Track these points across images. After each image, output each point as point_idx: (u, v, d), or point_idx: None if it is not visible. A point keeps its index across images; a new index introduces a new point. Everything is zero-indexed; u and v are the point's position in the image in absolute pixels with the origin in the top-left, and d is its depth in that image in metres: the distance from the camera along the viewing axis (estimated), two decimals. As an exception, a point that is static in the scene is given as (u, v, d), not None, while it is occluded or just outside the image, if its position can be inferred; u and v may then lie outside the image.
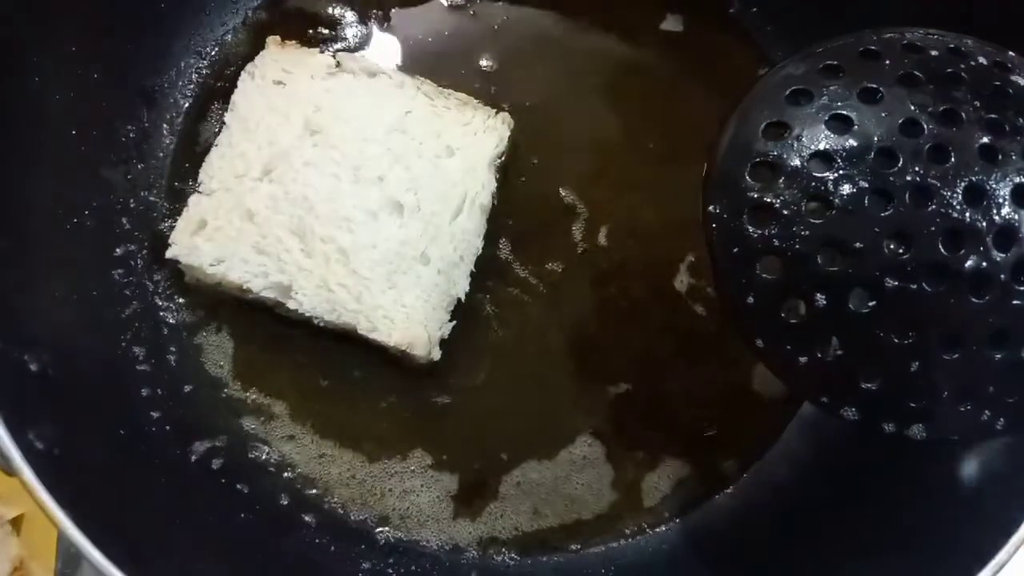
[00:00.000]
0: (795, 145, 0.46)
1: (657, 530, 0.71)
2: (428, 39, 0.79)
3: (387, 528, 0.69)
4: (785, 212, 0.46)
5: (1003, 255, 0.44)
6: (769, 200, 0.46)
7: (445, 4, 0.80)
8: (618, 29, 0.80)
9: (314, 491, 0.70)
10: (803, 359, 0.47)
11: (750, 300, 0.47)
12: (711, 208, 0.48)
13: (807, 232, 0.45)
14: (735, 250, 0.47)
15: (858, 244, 0.44)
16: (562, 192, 0.76)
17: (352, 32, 0.79)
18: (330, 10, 0.79)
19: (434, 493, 0.70)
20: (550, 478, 0.71)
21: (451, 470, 0.71)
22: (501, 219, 0.75)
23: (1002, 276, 0.44)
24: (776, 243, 0.46)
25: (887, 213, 0.44)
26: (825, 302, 0.45)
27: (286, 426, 0.71)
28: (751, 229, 0.46)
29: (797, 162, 0.46)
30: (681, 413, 0.73)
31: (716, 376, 0.73)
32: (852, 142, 0.45)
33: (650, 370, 0.73)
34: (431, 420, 0.71)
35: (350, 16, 0.79)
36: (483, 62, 0.78)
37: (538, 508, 0.70)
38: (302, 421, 0.71)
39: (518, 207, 0.76)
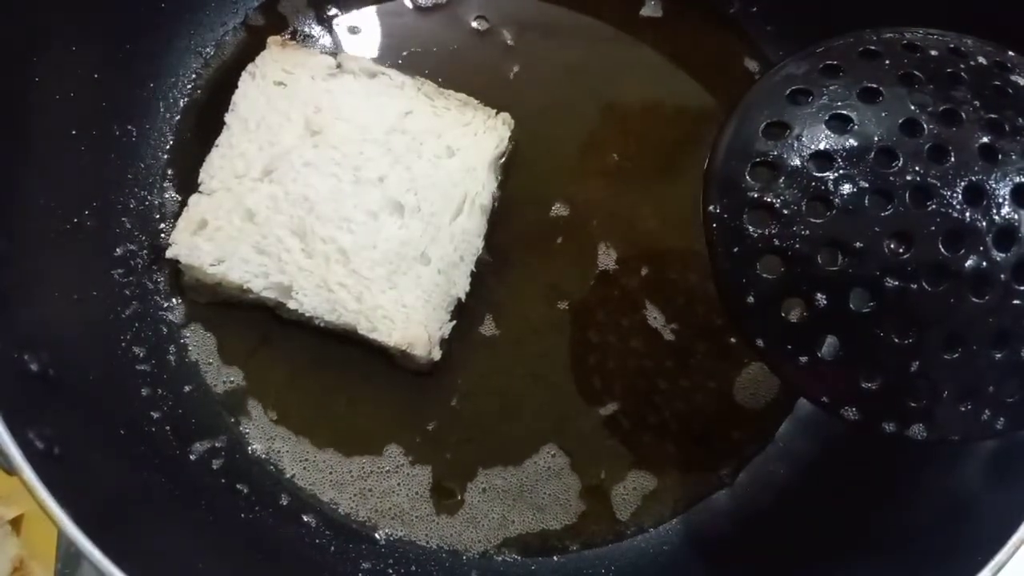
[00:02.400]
0: (795, 145, 0.46)
1: (657, 530, 0.71)
2: (426, 40, 0.79)
3: (387, 528, 0.69)
4: (785, 212, 0.46)
5: (1003, 255, 0.44)
6: (769, 200, 0.46)
7: (439, 5, 0.80)
8: (609, 20, 0.80)
9: (314, 491, 0.70)
10: (803, 359, 0.47)
11: (750, 300, 0.47)
12: (711, 208, 0.48)
13: (807, 232, 0.45)
14: (735, 250, 0.47)
15: (858, 244, 0.44)
16: (562, 193, 0.76)
17: (352, 33, 0.79)
18: (330, 11, 0.79)
19: (435, 492, 0.70)
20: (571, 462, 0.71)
21: (456, 470, 0.71)
22: (501, 219, 0.75)
23: (1002, 276, 0.44)
24: (776, 243, 0.46)
25: (887, 213, 0.44)
26: (825, 302, 0.45)
27: (286, 426, 0.71)
28: (751, 229, 0.46)
29: (797, 162, 0.46)
30: (679, 413, 0.73)
31: (713, 378, 0.73)
32: (852, 142, 0.45)
33: (647, 372, 0.73)
34: (432, 421, 0.71)
35: (350, 17, 0.80)
36: (480, 62, 0.78)
37: (541, 507, 0.70)
38: (302, 421, 0.71)
39: (518, 207, 0.76)
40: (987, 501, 0.58)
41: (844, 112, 0.46)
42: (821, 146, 0.46)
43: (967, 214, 0.43)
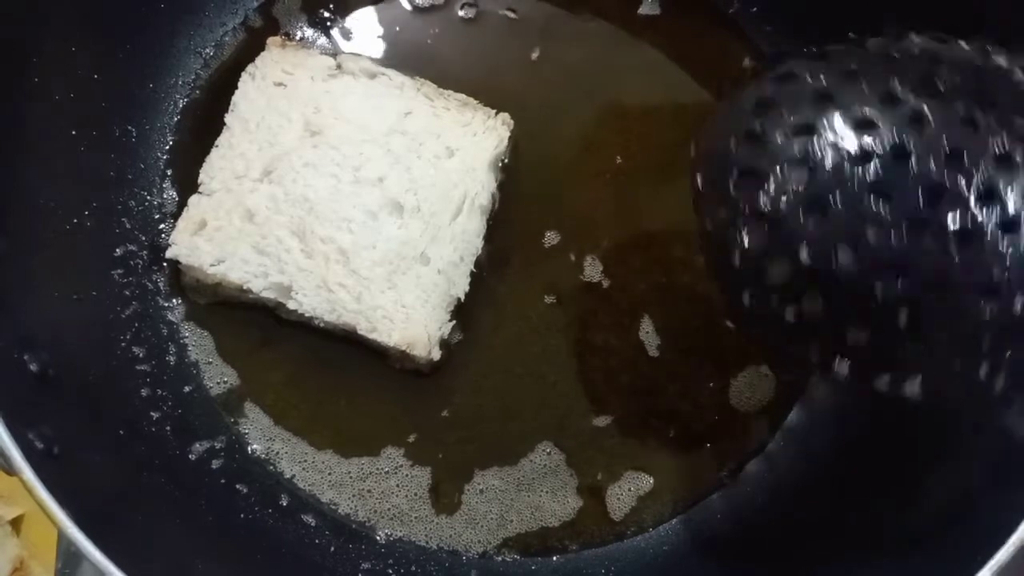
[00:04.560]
0: (779, 120, 0.47)
1: (657, 530, 0.71)
2: (425, 40, 0.79)
3: (386, 528, 0.69)
4: (771, 176, 0.46)
5: (987, 210, 0.44)
6: (755, 166, 0.47)
7: (437, 5, 0.80)
8: (609, 19, 0.80)
9: (313, 491, 0.70)
10: (791, 317, 0.47)
11: (736, 260, 0.48)
12: (698, 177, 0.50)
13: (791, 197, 0.46)
14: (720, 213, 0.48)
15: (840, 205, 0.45)
16: (561, 193, 0.76)
17: (351, 33, 0.79)
18: (329, 12, 0.80)
19: (434, 493, 0.70)
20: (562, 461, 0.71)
21: (454, 471, 0.71)
22: (501, 219, 0.75)
23: (988, 229, 0.44)
24: (762, 208, 0.46)
25: (870, 176, 0.45)
26: (810, 261, 0.46)
27: (285, 426, 0.71)
28: (734, 194, 0.47)
29: (782, 136, 0.47)
30: (678, 414, 0.73)
31: (713, 378, 0.73)
32: (836, 114, 0.46)
33: (645, 372, 0.73)
34: (430, 421, 0.71)
35: (349, 18, 0.80)
36: (479, 61, 0.79)
37: (540, 505, 0.71)
38: (301, 422, 0.71)
39: (518, 207, 0.76)
40: (987, 501, 0.58)
41: (828, 91, 0.47)
42: (805, 121, 0.46)
43: (946, 176, 0.44)
